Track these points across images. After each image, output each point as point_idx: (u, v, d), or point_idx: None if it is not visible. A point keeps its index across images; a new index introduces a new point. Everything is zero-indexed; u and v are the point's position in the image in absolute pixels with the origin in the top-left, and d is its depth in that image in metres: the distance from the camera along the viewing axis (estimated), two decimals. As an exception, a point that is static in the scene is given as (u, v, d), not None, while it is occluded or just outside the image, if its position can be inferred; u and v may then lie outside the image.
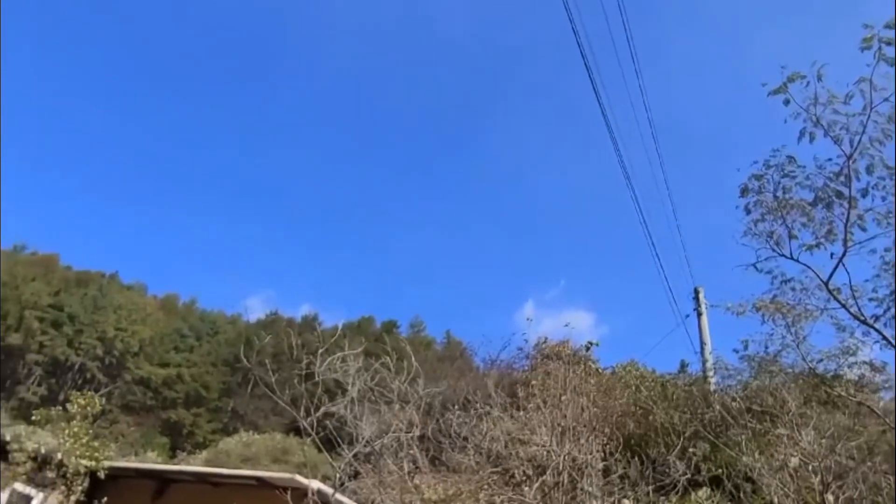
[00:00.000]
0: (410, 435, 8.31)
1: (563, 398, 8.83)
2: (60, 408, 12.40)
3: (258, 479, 12.85)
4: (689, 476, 7.81)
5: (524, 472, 7.95)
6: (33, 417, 11.97)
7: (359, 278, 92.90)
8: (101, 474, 11.67)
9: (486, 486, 8.20)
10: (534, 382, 11.15)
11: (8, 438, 11.74)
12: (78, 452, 10.93)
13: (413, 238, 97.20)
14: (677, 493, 7.70)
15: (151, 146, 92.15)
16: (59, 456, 10.85)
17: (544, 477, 7.59)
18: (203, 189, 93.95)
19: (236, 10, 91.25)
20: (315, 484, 12.23)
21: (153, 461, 31.36)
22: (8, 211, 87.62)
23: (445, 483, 9.45)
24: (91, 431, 11.44)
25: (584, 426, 8.33)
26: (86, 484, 11.54)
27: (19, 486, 11.26)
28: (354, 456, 8.03)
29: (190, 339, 59.44)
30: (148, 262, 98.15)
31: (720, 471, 8.53)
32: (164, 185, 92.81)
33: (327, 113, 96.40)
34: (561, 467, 7.68)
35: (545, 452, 8.01)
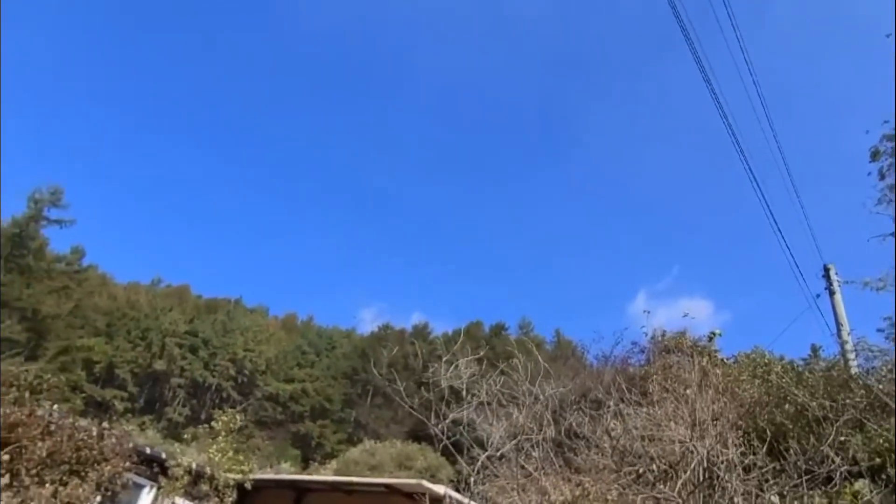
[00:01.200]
0: (534, 436, 8.31)
1: (687, 391, 8.48)
2: (207, 426, 13.47)
3: (387, 485, 13.28)
4: (844, 467, 7.22)
5: (659, 469, 7.68)
6: (186, 436, 13.09)
7: (465, 283, 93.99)
8: (248, 485, 12.60)
9: (615, 486, 8.02)
10: (655, 377, 10.79)
11: (164, 456, 12.96)
12: (226, 466, 11.86)
13: (516, 239, 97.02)
14: (833, 486, 7.14)
15: (257, 176, 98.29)
16: (210, 470, 11.81)
17: (685, 475, 7.26)
18: (311, 210, 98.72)
19: (343, 23, 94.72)
20: (440, 489, 12.47)
21: (289, 472, 33.23)
22: (146, 248, 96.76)
23: (571, 484, 9.36)
24: (235, 446, 12.36)
25: (717, 419, 7.93)
26: (234, 495, 12.50)
27: (179, 500, 12.38)
28: (478, 459, 8.15)
29: (310, 355, 62.48)
30: (267, 285, 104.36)
31: (878, 460, 7.84)
32: (275, 214, 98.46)
33: (425, 123, 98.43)
34: (704, 463, 7.34)
35: (681, 448, 7.68)
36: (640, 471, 8.05)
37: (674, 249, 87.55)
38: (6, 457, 10.73)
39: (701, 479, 7.29)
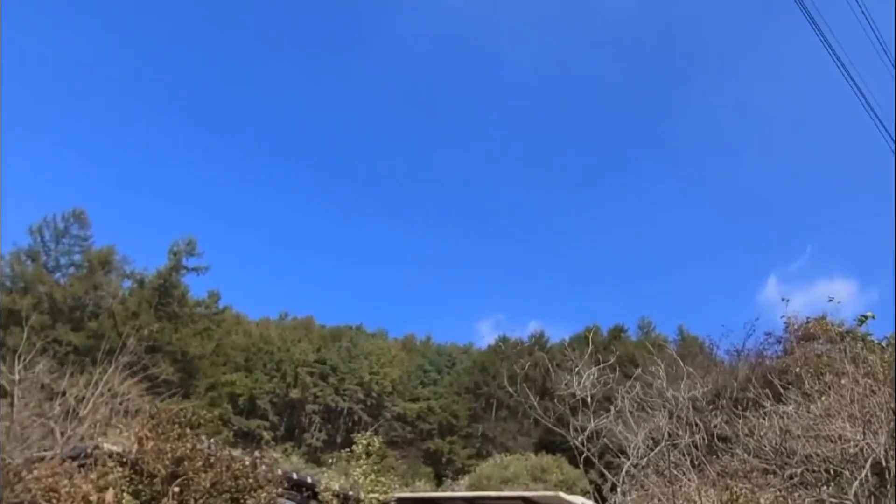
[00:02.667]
0: (675, 441, 8.03)
1: (843, 381, 7.84)
2: (347, 450, 14.15)
3: (524, 498, 13.29)
4: None
5: (823, 470, 7.11)
6: (331, 460, 13.82)
7: (580, 287, 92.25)
8: (390, 505, 13.09)
9: (769, 489, 7.56)
10: (801, 368, 10.07)
11: (311, 481, 13.77)
12: (369, 488, 12.41)
13: (628, 238, 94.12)
14: None
15: (364, 202, 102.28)
16: (355, 492, 12.41)
17: (860, 475, 6.66)
18: (418, 230, 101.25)
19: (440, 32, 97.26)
20: (578, 500, 12.28)
21: (423, 490, 33.94)
22: (272, 286, 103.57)
23: (717, 488, 8.93)
24: (376, 468, 12.90)
25: (881, 411, 7.25)
26: (379, 515, 13.02)
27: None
28: (617, 468, 7.99)
29: (432, 373, 63.67)
30: (385, 309, 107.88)
31: None
32: (385, 239, 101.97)
33: (523, 129, 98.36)
34: (884, 462, 6.73)
35: (850, 447, 7.05)
36: (797, 472, 7.54)
37: (805, 227, 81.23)
38: (176, 489, 11.85)
39: (876, 480, 6.67)
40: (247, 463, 12.24)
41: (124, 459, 11.91)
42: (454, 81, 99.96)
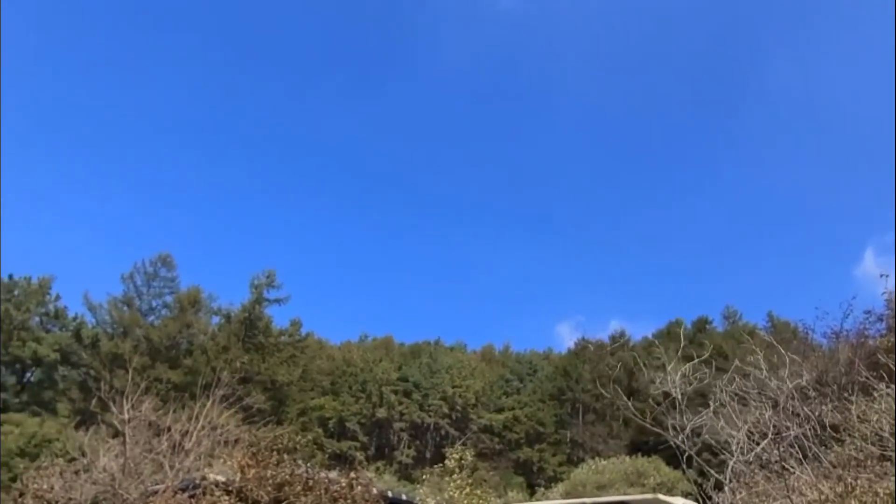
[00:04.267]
0: (781, 434, 7.69)
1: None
2: (440, 465, 14.28)
3: (622, 503, 13.01)
4: None
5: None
6: (425, 476, 13.98)
7: (660, 281, 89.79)
8: (487, 518, 13.09)
9: (887, 476, 7.11)
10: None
11: (405, 497, 13.96)
12: (465, 501, 12.48)
13: (705, 225, 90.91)
14: None
15: (434, 220, 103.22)
16: (451, 506, 12.51)
17: None
18: (489, 239, 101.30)
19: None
20: (678, 501, 11.90)
21: (518, 500, 33.65)
22: (350, 309, 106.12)
23: (831, 480, 8.45)
24: (470, 482, 12.97)
25: None
26: (476, 528, 13.05)
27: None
28: (719, 466, 7.72)
29: (514, 382, 63.26)
30: (461, 322, 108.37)
31: None
32: (455, 252, 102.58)
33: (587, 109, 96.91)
34: None
35: None
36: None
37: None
38: (279, 513, 12.31)
39: None
40: (343, 484, 12.55)
41: (230, 488, 12.46)
42: (513, 82, 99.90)
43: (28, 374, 46.29)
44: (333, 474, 13.81)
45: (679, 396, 9.26)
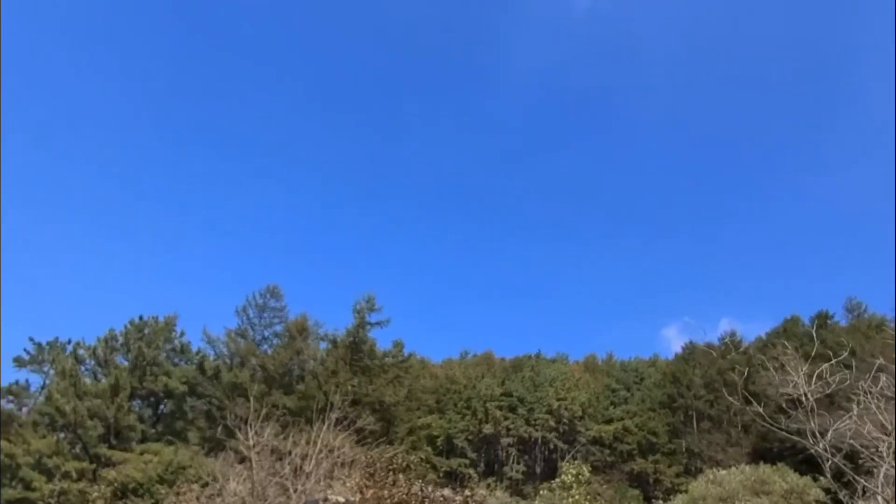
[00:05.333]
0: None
1: None
2: (556, 480, 14.31)
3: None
4: None
5: None
6: (543, 492, 14.08)
7: (771, 277, 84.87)
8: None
9: None
10: None
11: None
12: (580, 516, 12.46)
13: (818, 211, 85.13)
14: None
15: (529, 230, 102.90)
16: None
17: None
18: (587, 246, 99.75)
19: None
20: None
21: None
22: (449, 327, 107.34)
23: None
24: (588, 497, 12.93)
25: None
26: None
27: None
28: (863, 472, 7.34)
29: (621, 392, 61.55)
30: (561, 333, 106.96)
31: None
32: (553, 264, 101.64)
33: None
34: None
35: None
36: None
37: None
38: (400, 531, 12.81)
39: None
40: (458, 501, 12.90)
41: (351, 508, 13.14)
42: (597, 84, 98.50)
43: (161, 406, 50.28)
44: (447, 492, 14.20)
45: (806, 398, 8.91)
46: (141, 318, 49.46)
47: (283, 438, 24.65)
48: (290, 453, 22.26)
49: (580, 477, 13.20)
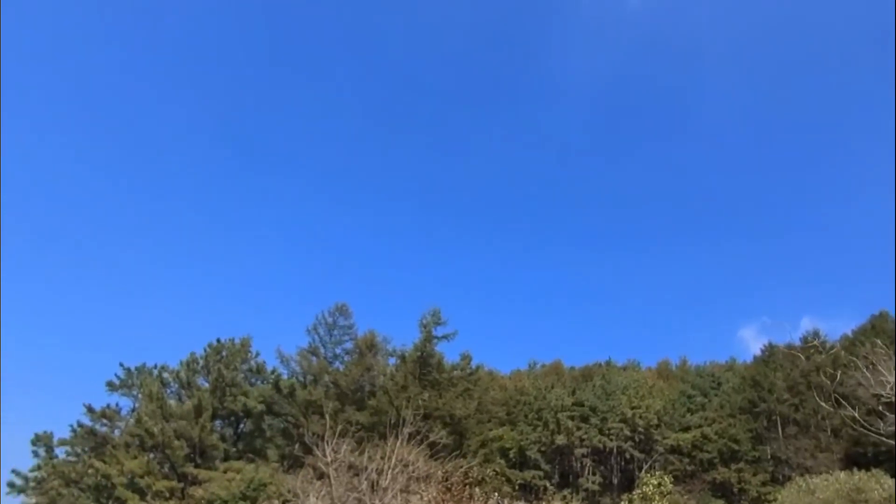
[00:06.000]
0: None
1: None
2: (637, 491, 14.07)
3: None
4: None
5: None
6: (622, 503, 13.85)
7: (852, 273, 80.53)
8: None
9: None
10: None
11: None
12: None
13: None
14: None
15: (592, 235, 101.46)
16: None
17: None
18: (657, 249, 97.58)
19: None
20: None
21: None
22: (516, 338, 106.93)
23: None
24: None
25: None
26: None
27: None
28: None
29: (698, 398, 59.50)
30: (630, 339, 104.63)
31: None
32: (618, 270, 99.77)
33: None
34: None
35: None
36: None
37: None
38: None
39: None
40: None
41: (430, 522, 13.32)
42: (657, 81, 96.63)
43: (241, 425, 52.15)
44: (524, 505, 14.19)
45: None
46: (219, 340, 51.64)
47: (359, 454, 25.20)
48: (366, 469, 22.72)
49: (662, 488, 12.90)
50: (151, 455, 45.15)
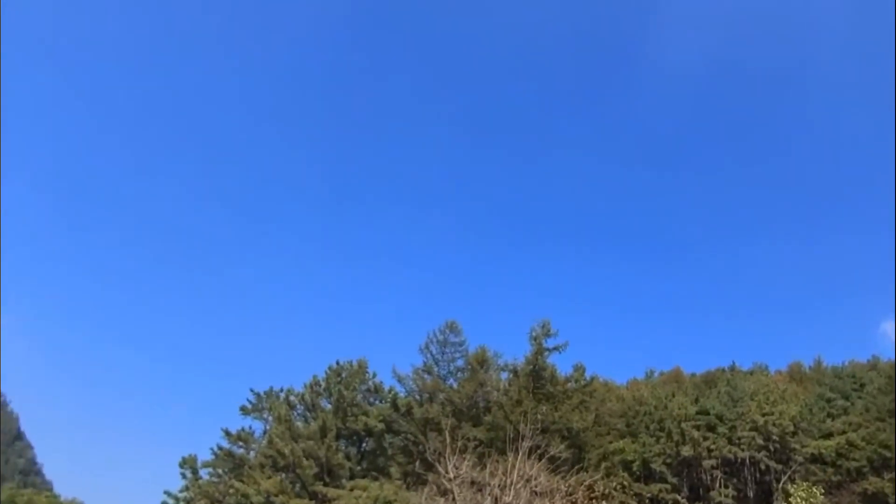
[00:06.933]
0: None
1: None
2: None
3: None
4: None
5: None
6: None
7: None
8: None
9: None
10: None
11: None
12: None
13: None
14: None
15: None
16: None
17: None
18: (777, 243, 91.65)
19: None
20: None
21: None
22: (630, 347, 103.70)
23: None
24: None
25: None
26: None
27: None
28: None
29: (838, 401, 54.92)
30: (756, 343, 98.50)
31: None
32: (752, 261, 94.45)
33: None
34: None
35: None
36: None
37: None
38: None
39: None
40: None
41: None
42: (766, 62, 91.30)
43: (363, 444, 54.04)
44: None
45: None
46: (338, 363, 54.03)
47: (480, 470, 25.46)
48: (488, 484, 22.94)
49: (811, 500, 12.11)
50: (284, 475, 47.79)
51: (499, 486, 22.60)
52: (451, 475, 23.13)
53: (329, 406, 51.80)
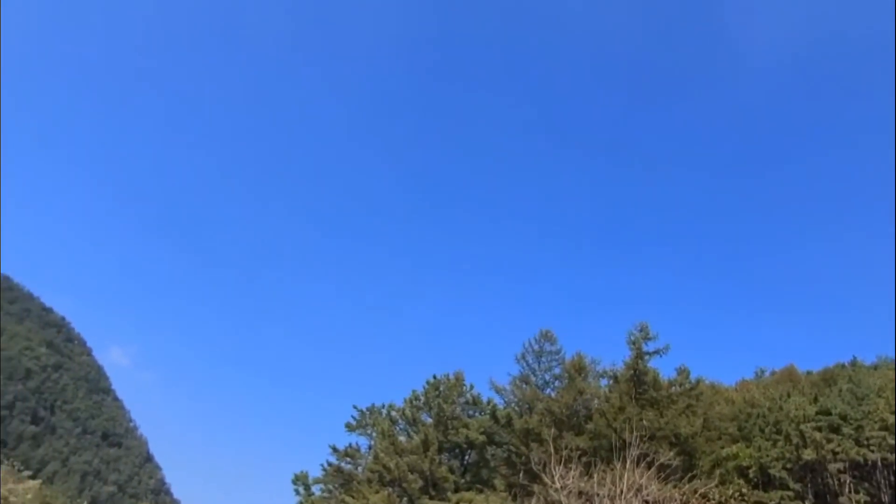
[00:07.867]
0: None
1: None
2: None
3: None
4: None
5: None
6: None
7: None
8: None
9: None
10: None
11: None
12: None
13: None
14: None
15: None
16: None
17: None
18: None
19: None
20: None
21: None
22: (733, 347, 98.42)
23: None
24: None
25: None
26: None
27: None
28: None
29: (984, 394, 49.69)
30: (879, 334, 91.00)
31: None
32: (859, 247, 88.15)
33: None
34: None
35: None
36: None
37: None
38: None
39: None
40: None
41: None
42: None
43: (466, 457, 54.42)
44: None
45: None
46: (435, 377, 54.80)
47: (588, 479, 25.06)
48: (597, 495, 22.55)
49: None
50: (391, 489, 48.88)
51: (608, 496, 22.22)
52: (559, 485, 22.97)
53: (430, 420, 52.58)
